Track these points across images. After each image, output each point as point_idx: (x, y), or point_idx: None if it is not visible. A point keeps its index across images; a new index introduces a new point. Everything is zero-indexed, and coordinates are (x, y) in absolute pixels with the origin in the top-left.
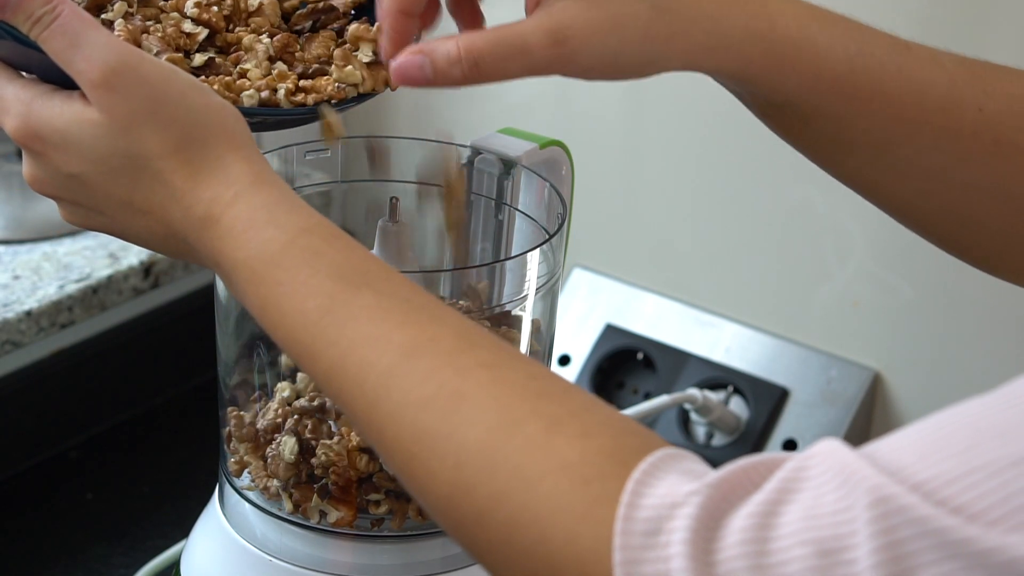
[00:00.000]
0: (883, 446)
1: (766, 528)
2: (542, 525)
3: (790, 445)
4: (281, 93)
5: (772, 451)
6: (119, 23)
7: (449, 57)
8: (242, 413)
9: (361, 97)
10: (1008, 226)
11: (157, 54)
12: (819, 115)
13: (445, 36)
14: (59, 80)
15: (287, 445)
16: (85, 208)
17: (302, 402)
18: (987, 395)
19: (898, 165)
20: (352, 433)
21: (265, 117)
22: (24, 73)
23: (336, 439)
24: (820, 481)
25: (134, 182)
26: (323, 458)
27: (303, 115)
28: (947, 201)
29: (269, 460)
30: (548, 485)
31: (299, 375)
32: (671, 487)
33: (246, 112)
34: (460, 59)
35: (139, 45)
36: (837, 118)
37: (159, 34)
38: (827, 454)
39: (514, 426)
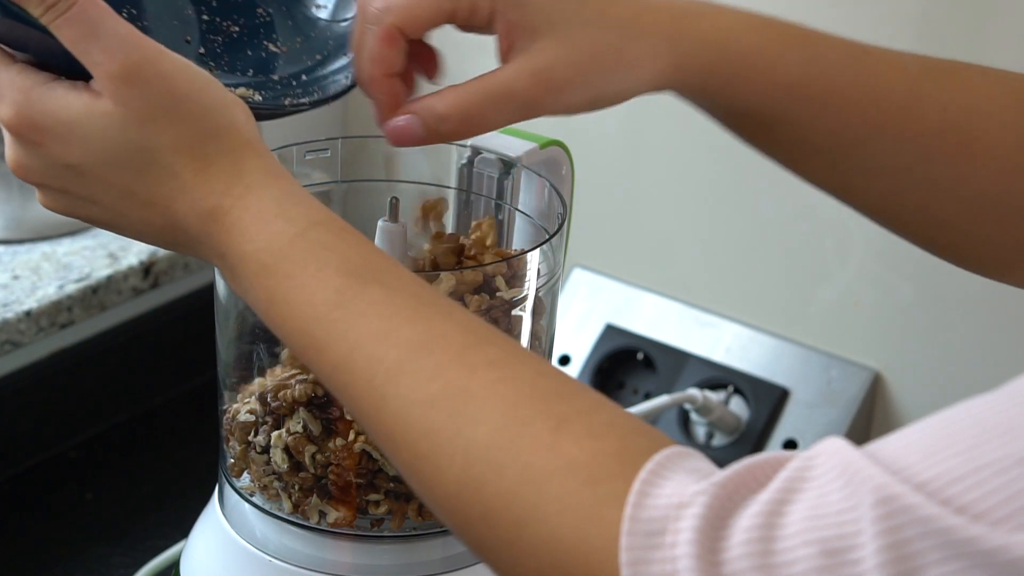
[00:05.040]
0: (887, 445)
1: (771, 528)
2: (549, 525)
3: (790, 445)
4: None
5: (773, 452)
6: None
7: (436, 116)
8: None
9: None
10: (978, 225)
11: None
12: (779, 121)
13: (434, 92)
14: (61, 65)
15: (276, 455)
16: (74, 196)
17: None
18: (990, 393)
19: (863, 166)
20: (352, 434)
21: (260, 109)
22: (11, 51)
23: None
24: (824, 480)
25: (140, 174)
26: (319, 458)
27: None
28: (915, 200)
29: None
30: (555, 485)
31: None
32: (677, 487)
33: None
34: (448, 117)
35: None
36: (796, 123)
37: None
38: (831, 453)
39: (521, 425)
